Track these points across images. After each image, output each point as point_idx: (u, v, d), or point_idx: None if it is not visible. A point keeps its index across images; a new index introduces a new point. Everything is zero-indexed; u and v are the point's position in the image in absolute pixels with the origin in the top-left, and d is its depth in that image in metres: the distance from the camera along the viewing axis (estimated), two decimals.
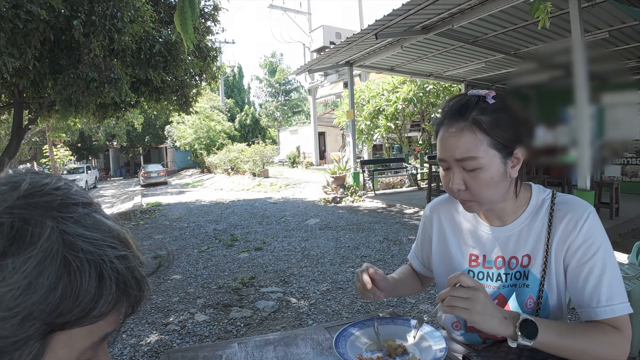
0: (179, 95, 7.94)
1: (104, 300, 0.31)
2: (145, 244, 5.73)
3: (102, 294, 0.31)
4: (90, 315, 0.31)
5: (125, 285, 0.33)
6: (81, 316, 0.30)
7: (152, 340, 2.72)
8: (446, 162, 0.85)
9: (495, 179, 0.83)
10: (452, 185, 0.84)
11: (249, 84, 36.04)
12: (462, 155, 0.81)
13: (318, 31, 15.06)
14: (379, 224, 6.18)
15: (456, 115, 0.83)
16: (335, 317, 2.98)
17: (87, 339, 0.32)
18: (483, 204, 0.86)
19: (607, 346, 0.77)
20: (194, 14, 1.52)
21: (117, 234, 0.35)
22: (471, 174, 0.82)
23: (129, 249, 0.35)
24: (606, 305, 0.79)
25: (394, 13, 5.72)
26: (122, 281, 0.33)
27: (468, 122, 0.81)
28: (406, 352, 0.85)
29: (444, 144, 0.85)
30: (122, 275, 0.33)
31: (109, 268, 0.32)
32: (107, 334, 0.34)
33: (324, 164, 17.26)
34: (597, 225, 0.85)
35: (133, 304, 0.35)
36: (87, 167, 22.30)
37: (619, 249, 4.28)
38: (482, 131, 0.81)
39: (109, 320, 0.33)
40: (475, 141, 0.81)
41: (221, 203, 10.06)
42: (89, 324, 0.31)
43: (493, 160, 0.82)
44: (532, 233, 0.89)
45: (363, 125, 12.14)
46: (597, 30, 6.14)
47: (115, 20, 5.33)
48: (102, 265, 0.31)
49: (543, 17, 2.68)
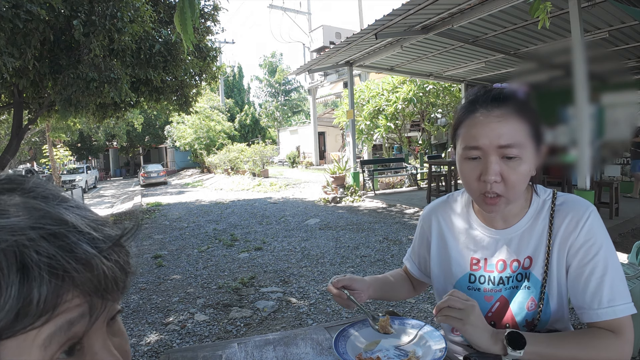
0: (178, 95, 7.95)
1: (38, 292, 0.25)
2: (145, 244, 5.73)
3: (30, 285, 0.25)
4: (28, 314, 0.25)
5: (64, 269, 0.27)
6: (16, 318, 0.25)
7: (151, 340, 2.72)
8: (482, 150, 0.79)
9: (530, 172, 0.81)
10: (489, 175, 0.78)
11: (248, 84, 35.98)
12: (508, 141, 0.77)
13: (318, 31, 15.06)
14: (378, 224, 6.18)
15: (498, 101, 0.79)
16: (335, 317, 2.98)
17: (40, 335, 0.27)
18: (510, 201, 0.82)
19: (602, 351, 0.75)
20: (194, 15, 1.52)
21: (51, 213, 0.29)
22: (511, 165, 0.78)
23: (67, 225, 0.29)
24: (607, 306, 0.77)
25: (393, 13, 5.73)
26: (57, 265, 0.26)
27: (513, 108, 0.78)
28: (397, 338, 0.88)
29: (482, 130, 0.78)
30: (55, 259, 0.26)
31: (33, 253, 0.26)
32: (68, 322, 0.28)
33: (323, 164, 17.26)
34: (599, 224, 0.83)
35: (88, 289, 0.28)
36: (86, 167, 22.28)
37: (619, 249, 4.28)
38: (526, 119, 0.79)
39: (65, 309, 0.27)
40: (521, 128, 0.78)
41: (221, 203, 10.06)
42: (38, 325, 0.26)
43: (530, 152, 0.80)
44: (534, 234, 0.87)
45: (363, 125, 12.14)
46: (596, 30, 6.14)
47: (115, 20, 5.33)
48: (23, 251, 0.26)
49: (543, 17, 2.68)
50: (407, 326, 0.92)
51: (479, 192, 0.82)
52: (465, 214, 0.97)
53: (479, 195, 0.83)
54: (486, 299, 0.92)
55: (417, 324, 0.92)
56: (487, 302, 0.92)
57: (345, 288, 0.92)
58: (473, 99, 0.83)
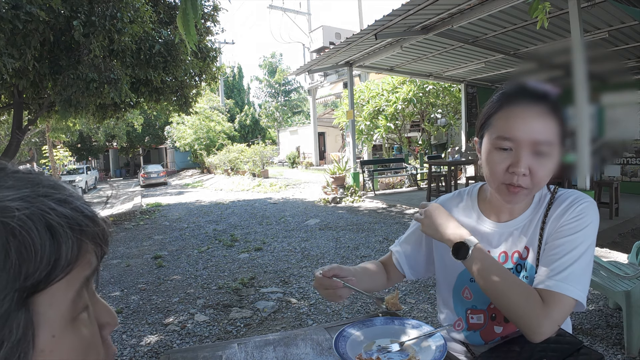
0: (178, 95, 7.94)
1: (66, 247, 0.30)
2: (145, 245, 5.73)
3: (59, 242, 0.30)
4: (59, 266, 0.30)
5: (80, 225, 0.32)
6: (50, 270, 0.30)
7: (151, 341, 2.72)
8: (514, 142, 0.80)
9: (554, 170, 0.83)
10: (519, 167, 0.80)
11: (248, 84, 35.99)
12: (545, 138, 0.79)
13: (318, 31, 15.06)
14: (378, 224, 6.18)
15: (539, 97, 0.81)
16: (335, 317, 2.98)
17: (70, 290, 0.32)
18: (532, 194, 0.86)
19: (523, 307, 0.76)
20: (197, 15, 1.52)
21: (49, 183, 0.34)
22: (540, 160, 0.81)
23: (66, 191, 0.34)
24: (553, 278, 0.78)
25: (393, 13, 5.73)
26: (74, 223, 0.32)
27: (551, 107, 0.81)
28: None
29: (519, 123, 0.80)
30: (71, 218, 0.32)
31: (54, 215, 0.30)
32: (86, 277, 0.33)
33: (323, 164, 17.25)
34: (590, 212, 0.84)
35: (98, 240, 0.35)
36: (86, 167, 22.28)
37: (619, 249, 4.28)
38: (560, 119, 0.81)
39: (83, 264, 0.33)
40: (555, 126, 0.81)
41: (221, 203, 10.06)
42: (64, 276, 0.31)
43: (558, 152, 0.83)
44: (532, 226, 0.90)
45: (363, 126, 12.14)
46: (596, 30, 6.14)
47: (115, 20, 5.33)
48: (45, 215, 0.30)
49: (542, 18, 2.69)
50: (407, 326, 0.92)
51: (503, 182, 0.83)
52: (471, 208, 0.99)
53: (501, 184, 0.84)
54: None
55: (417, 324, 0.92)
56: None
57: (336, 277, 0.89)
58: (513, 91, 0.85)
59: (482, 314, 0.95)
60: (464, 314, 0.98)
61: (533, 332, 0.75)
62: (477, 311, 0.96)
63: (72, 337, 0.32)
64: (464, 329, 0.97)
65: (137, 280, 4.05)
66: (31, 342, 0.29)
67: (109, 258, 5.08)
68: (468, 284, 0.95)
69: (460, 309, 0.98)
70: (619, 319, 2.42)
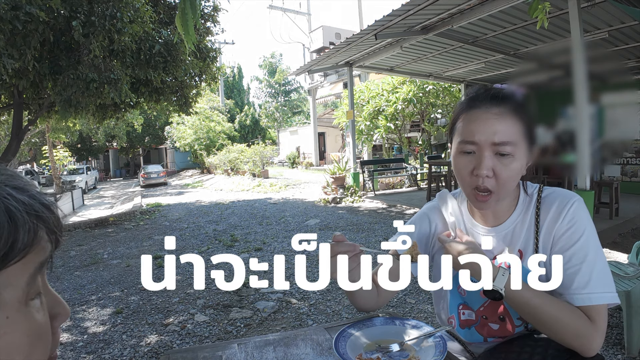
0: (178, 95, 7.94)
1: (23, 230, 0.32)
2: (145, 245, 5.73)
3: (17, 225, 0.32)
4: (16, 248, 0.32)
5: (36, 212, 0.34)
6: (7, 252, 0.31)
7: (151, 341, 2.72)
8: (477, 145, 0.81)
9: (522, 170, 0.83)
10: (481, 169, 0.80)
11: (248, 84, 35.98)
12: (503, 139, 0.80)
13: (318, 32, 15.06)
14: (378, 224, 6.18)
15: (497, 99, 0.82)
16: (335, 317, 2.98)
17: (25, 273, 0.33)
18: (500, 197, 0.85)
19: (578, 322, 0.76)
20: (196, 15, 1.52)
21: (7, 172, 0.36)
22: (503, 161, 0.81)
23: (24, 181, 0.36)
24: (584, 292, 0.78)
25: (393, 14, 5.73)
26: (31, 209, 0.34)
27: (511, 107, 0.81)
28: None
29: (479, 126, 0.81)
30: (28, 204, 0.34)
31: (12, 200, 0.33)
32: (40, 263, 0.35)
33: (323, 165, 17.26)
34: (582, 213, 0.85)
35: (53, 227, 0.36)
36: (86, 168, 22.29)
37: (619, 249, 4.28)
38: (521, 120, 0.81)
39: (38, 249, 0.34)
40: (517, 127, 0.81)
41: (221, 204, 10.06)
42: (20, 258, 0.32)
43: (523, 151, 0.82)
44: (524, 228, 0.90)
45: (363, 126, 12.14)
46: (596, 30, 6.15)
47: (115, 20, 5.33)
48: (4, 200, 0.32)
49: (542, 18, 2.69)
50: (407, 326, 0.92)
51: (471, 187, 0.84)
52: (459, 211, 0.99)
53: (471, 191, 0.85)
54: (482, 294, 0.92)
55: (417, 324, 0.92)
56: (481, 297, 0.93)
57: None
58: (473, 96, 0.86)
59: (473, 311, 0.96)
60: (456, 310, 0.99)
61: (589, 349, 0.77)
62: (468, 307, 0.97)
63: (25, 321, 0.33)
64: (457, 326, 0.97)
65: (137, 280, 4.05)
66: None
67: (109, 258, 5.08)
68: None
69: (454, 303, 0.99)
70: (619, 319, 2.42)
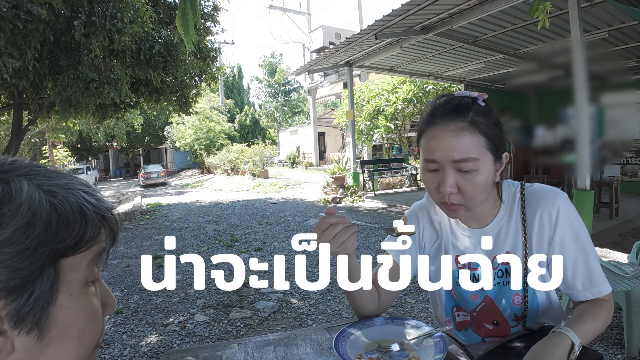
0: (178, 95, 7.94)
1: (91, 225, 0.40)
2: (145, 245, 5.73)
3: (87, 221, 0.39)
4: (84, 239, 0.39)
5: (101, 211, 0.42)
6: (77, 241, 0.38)
7: (152, 341, 2.72)
8: (438, 163, 0.81)
9: (488, 182, 0.82)
10: (445, 188, 0.80)
11: (248, 84, 35.98)
12: (462, 156, 0.78)
13: (317, 31, 15.06)
14: (378, 224, 6.18)
15: (452, 115, 0.80)
16: (335, 317, 2.98)
17: (86, 260, 0.40)
18: (470, 208, 0.84)
19: (606, 317, 0.83)
20: (196, 15, 1.52)
21: (78, 180, 0.43)
22: (466, 177, 0.80)
23: (92, 188, 0.43)
24: (596, 286, 0.83)
25: (393, 13, 5.73)
26: (98, 210, 0.41)
27: (467, 122, 0.79)
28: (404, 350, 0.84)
29: (438, 144, 0.80)
30: (96, 205, 0.41)
31: (85, 201, 0.40)
32: (99, 252, 0.42)
33: (323, 165, 17.25)
34: (570, 212, 0.85)
35: (113, 227, 0.44)
36: (86, 168, 22.29)
37: (619, 249, 4.28)
38: (480, 132, 0.79)
39: (99, 243, 0.42)
40: (474, 142, 0.79)
41: (221, 204, 10.06)
42: (86, 249, 0.40)
43: (488, 163, 0.81)
44: (510, 231, 0.89)
45: (363, 126, 12.13)
46: (596, 30, 6.14)
47: (115, 20, 5.33)
48: (79, 200, 0.40)
49: (542, 18, 2.69)
50: (407, 326, 0.92)
51: (439, 201, 0.86)
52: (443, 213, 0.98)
53: (440, 204, 0.86)
54: (472, 298, 0.93)
55: (417, 324, 0.92)
56: (473, 300, 0.94)
57: None
58: (432, 110, 0.84)
59: (467, 312, 0.97)
60: (450, 312, 0.99)
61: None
62: (462, 309, 0.97)
63: (84, 300, 0.41)
64: (453, 328, 0.98)
65: (137, 280, 4.05)
66: (55, 295, 0.37)
67: (109, 258, 5.07)
68: (454, 286, 0.96)
69: (448, 306, 1.00)
70: (619, 319, 2.42)
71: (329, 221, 0.77)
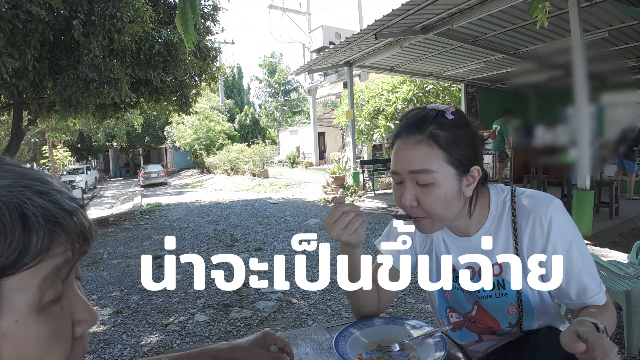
0: (178, 95, 7.94)
1: (36, 236, 0.32)
2: (145, 245, 5.73)
3: (30, 230, 0.31)
4: (28, 253, 0.31)
5: (55, 217, 0.33)
6: (18, 257, 0.31)
7: (152, 341, 2.72)
8: (399, 175, 0.83)
9: (449, 196, 0.80)
10: (405, 200, 0.81)
11: (248, 84, 35.99)
12: (416, 168, 0.79)
13: (317, 31, 15.05)
14: (379, 224, 6.18)
15: (413, 128, 0.81)
16: (335, 317, 2.98)
17: (37, 277, 0.32)
18: (435, 222, 0.83)
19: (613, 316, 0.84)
20: (195, 15, 1.52)
21: (34, 176, 0.35)
22: (424, 189, 0.80)
23: (51, 185, 0.35)
24: (595, 294, 0.82)
25: (393, 13, 5.73)
26: (49, 214, 0.33)
27: (425, 136, 0.79)
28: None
29: (398, 156, 0.82)
30: (47, 209, 0.33)
31: (30, 205, 0.32)
32: (57, 266, 0.34)
33: (323, 164, 17.25)
34: (563, 219, 0.83)
35: (73, 234, 0.35)
36: (86, 167, 22.30)
37: (619, 249, 4.28)
38: (438, 146, 0.79)
39: (55, 255, 0.34)
40: (431, 155, 0.79)
41: (221, 203, 10.06)
42: (34, 264, 0.32)
43: (448, 177, 0.80)
44: (499, 240, 0.87)
45: (363, 126, 12.14)
46: (596, 30, 6.15)
47: (115, 20, 5.33)
48: (21, 204, 0.32)
49: (542, 17, 2.69)
50: (407, 326, 0.92)
51: (407, 212, 0.86)
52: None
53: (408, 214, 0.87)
54: (467, 300, 0.94)
55: (417, 324, 0.92)
56: (467, 303, 0.94)
57: None
58: (400, 124, 0.86)
59: (460, 314, 0.97)
60: (444, 314, 0.99)
61: None
62: (455, 310, 0.98)
63: (37, 326, 0.33)
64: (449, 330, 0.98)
65: (137, 280, 4.05)
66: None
67: (109, 258, 5.08)
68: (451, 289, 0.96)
69: (441, 307, 1.00)
70: (619, 319, 2.42)
71: (341, 209, 0.80)
